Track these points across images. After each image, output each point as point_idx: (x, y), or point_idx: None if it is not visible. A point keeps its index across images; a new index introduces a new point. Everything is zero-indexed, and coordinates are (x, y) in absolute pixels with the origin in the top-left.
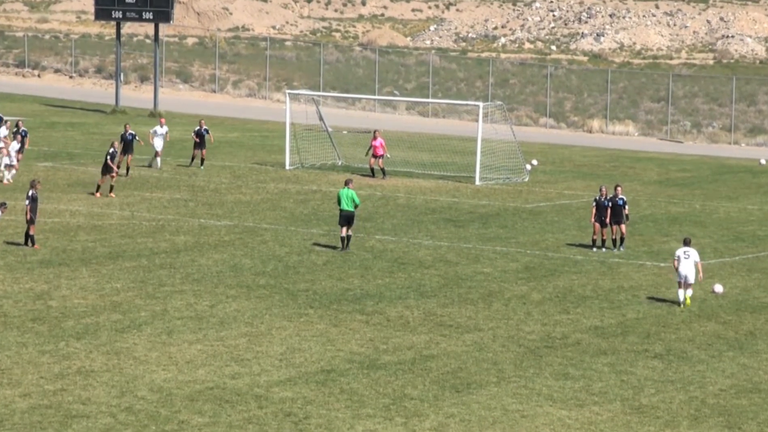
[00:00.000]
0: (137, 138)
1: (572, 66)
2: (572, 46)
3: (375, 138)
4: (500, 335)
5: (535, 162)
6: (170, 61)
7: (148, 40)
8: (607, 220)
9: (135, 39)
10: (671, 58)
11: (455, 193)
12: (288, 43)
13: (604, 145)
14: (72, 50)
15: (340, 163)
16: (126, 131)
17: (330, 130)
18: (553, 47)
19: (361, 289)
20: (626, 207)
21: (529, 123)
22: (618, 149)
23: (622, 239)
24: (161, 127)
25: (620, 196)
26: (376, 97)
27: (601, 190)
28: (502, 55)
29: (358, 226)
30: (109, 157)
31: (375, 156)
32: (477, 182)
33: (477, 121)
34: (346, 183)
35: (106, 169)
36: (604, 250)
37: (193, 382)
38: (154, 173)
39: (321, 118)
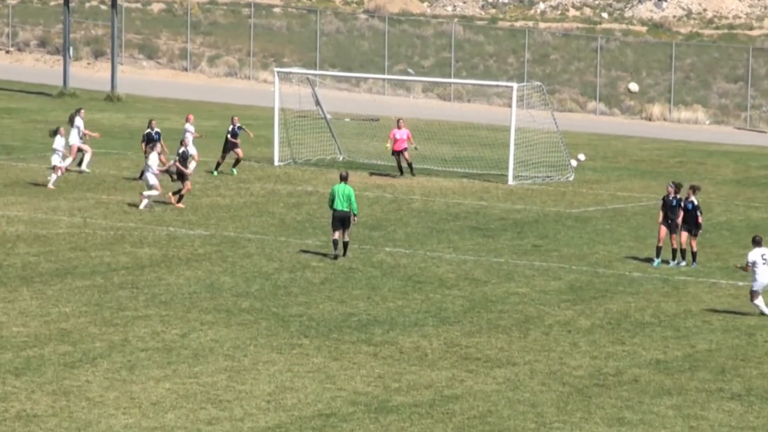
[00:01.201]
0: (161, 137)
1: (627, 38)
2: (628, 14)
3: (399, 127)
4: (539, 371)
5: (582, 157)
6: (131, 33)
7: (103, 6)
8: (679, 220)
9: (87, 5)
10: (751, 28)
11: (483, 195)
12: (277, 10)
13: (668, 135)
14: (9, 19)
15: (341, 159)
16: (151, 128)
17: (329, 117)
18: (604, 14)
19: (367, 313)
20: (699, 213)
21: (575, 108)
22: (685, 141)
23: (693, 254)
24: (190, 125)
25: (690, 199)
26: (386, 76)
27: (667, 188)
28: (541, 25)
29: (364, 235)
30: (180, 159)
31: (396, 151)
32: (510, 182)
33: (510, 106)
34: (343, 178)
35: (181, 175)
36: (671, 264)
37: (161, 428)
38: (111, 171)
39: (318, 103)
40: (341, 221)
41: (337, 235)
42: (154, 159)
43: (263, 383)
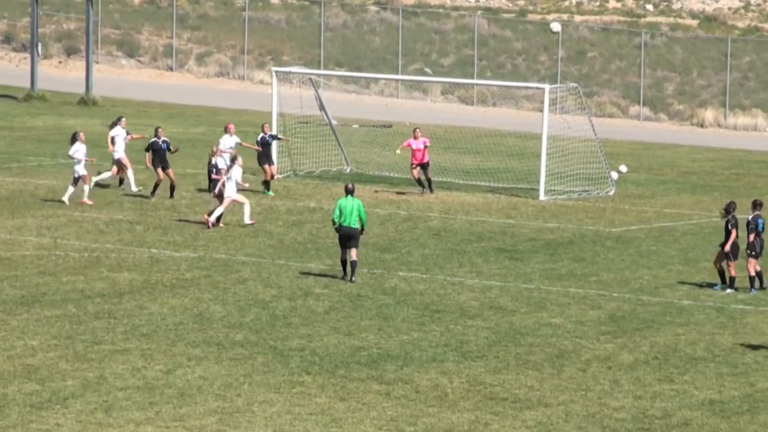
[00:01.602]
0: (171, 147)
1: (676, 33)
2: (676, 5)
3: (416, 137)
4: (575, 413)
5: (623, 168)
6: (109, 27)
7: None
8: (727, 247)
9: None
10: None
11: (511, 212)
12: (275, 2)
13: (722, 144)
14: None
15: (348, 170)
16: (158, 137)
17: (335, 123)
18: (649, 6)
19: (378, 347)
20: (756, 231)
21: (616, 113)
22: (742, 150)
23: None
24: (230, 135)
25: (756, 215)
26: (400, 77)
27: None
28: (577, 18)
29: (375, 258)
30: (214, 171)
31: (416, 164)
32: (541, 197)
33: (541, 110)
34: (349, 191)
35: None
36: (729, 291)
37: None
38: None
39: (322, 107)
40: (349, 238)
41: (344, 254)
42: (238, 172)
43: (259, 427)
